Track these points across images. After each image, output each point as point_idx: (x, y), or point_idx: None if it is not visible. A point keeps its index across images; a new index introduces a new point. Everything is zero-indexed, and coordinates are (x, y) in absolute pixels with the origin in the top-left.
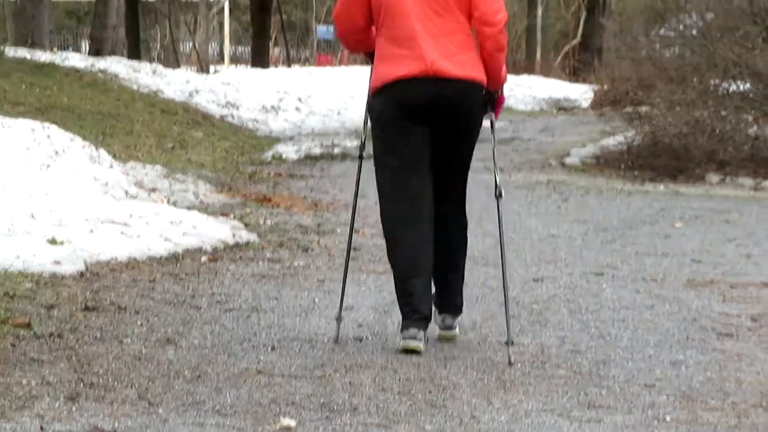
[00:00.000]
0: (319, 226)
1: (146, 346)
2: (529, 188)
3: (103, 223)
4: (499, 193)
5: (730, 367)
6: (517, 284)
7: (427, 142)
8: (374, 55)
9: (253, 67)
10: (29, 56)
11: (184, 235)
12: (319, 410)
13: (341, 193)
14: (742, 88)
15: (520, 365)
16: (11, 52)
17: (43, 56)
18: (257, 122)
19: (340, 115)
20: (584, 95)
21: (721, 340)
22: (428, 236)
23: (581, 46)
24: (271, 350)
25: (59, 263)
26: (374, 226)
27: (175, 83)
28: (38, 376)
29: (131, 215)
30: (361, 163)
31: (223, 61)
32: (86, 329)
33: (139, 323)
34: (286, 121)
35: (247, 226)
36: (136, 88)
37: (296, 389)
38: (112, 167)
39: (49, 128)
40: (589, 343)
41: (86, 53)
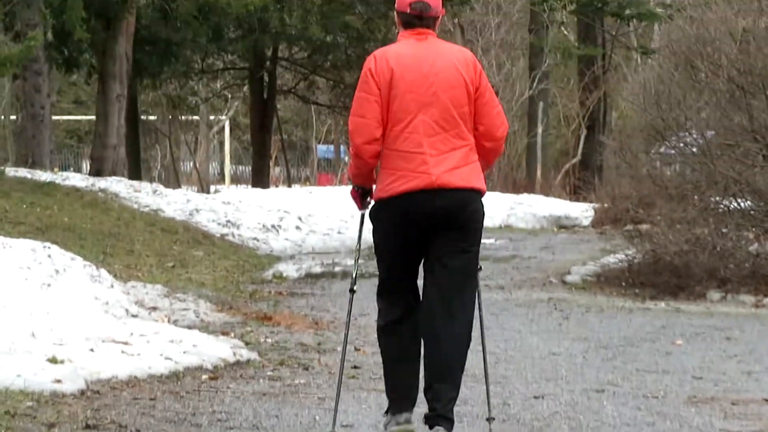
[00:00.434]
0: (319, 344)
1: None
2: (529, 306)
3: (103, 341)
4: (479, 267)
5: None
6: (518, 401)
7: (423, 252)
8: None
9: (253, 186)
10: (30, 176)
11: (184, 353)
12: None
13: (342, 311)
14: (742, 205)
15: None
16: (12, 171)
17: (43, 176)
18: (258, 241)
19: (340, 234)
20: (585, 213)
21: None
22: (415, 340)
23: (581, 164)
24: None
25: (60, 382)
26: (374, 344)
27: (175, 202)
28: None
29: (132, 334)
30: (352, 297)
31: (223, 180)
32: None
33: None
34: (286, 240)
35: (247, 344)
36: (136, 207)
37: None
38: (112, 286)
39: (49, 248)
40: None
41: (87, 173)
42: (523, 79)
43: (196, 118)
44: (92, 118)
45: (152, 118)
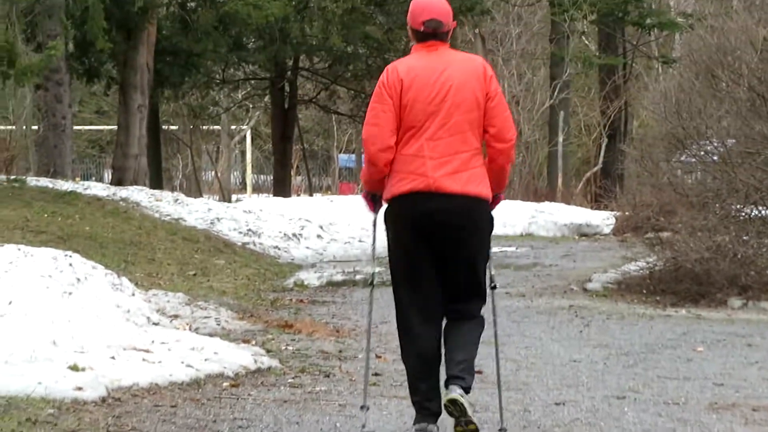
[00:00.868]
0: (340, 351)
1: None
2: (551, 313)
3: (125, 349)
4: (493, 285)
5: None
6: (538, 408)
7: (430, 250)
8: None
9: (275, 195)
10: (51, 185)
11: (205, 361)
12: None
13: (363, 319)
14: (763, 213)
15: None
16: (33, 181)
17: (65, 185)
18: (279, 249)
19: (361, 242)
20: (606, 221)
21: None
22: (437, 337)
23: (602, 172)
24: None
25: (81, 389)
26: (395, 351)
27: (196, 211)
28: None
29: (153, 342)
30: (372, 290)
31: (245, 189)
32: None
33: None
34: (307, 248)
35: (268, 352)
36: (158, 216)
37: None
38: (134, 295)
39: (71, 256)
40: None
41: (108, 182)
42: (543, 88)
43: (217, 127)
44: (114, 127)
45: (173, 127)
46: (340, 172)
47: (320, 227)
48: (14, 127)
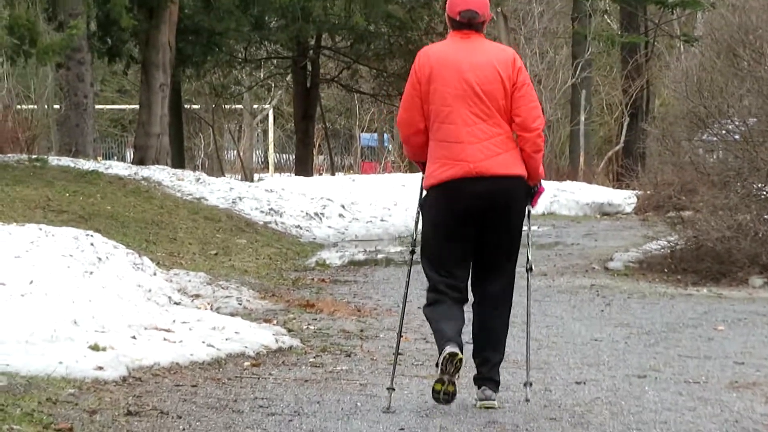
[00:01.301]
0: (362, 331)
1: None
2: (572, 292)
3: (146, 329)
4: (530, 267)
5: None
6: (559, 387)
7: (470, 235)
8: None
9: (297, 174)
10: (73, 164)
11: (227, 340)
12: None
13: (384, 298)
14: None
15: None
16: (55, 160)
17: (86, 164)
18: (301, 229)
19: (383, 221)
20: (628, 200)
21: None
22: (461, 313)
23: (624, 151)
24: None
25: (102, 369)
26: (417, 330)
27: (218, 191)
28: None
29: (174, 321)
30: (411, 258)
31: (267, 169)
32: None
33: (181, 428)
34: (329, 227)
35: (290, 331)
36: (179, 195)
37: None
38: (155, 274)
39: (92, 236)
40: None
41: (130, 161)
42: (565, 67)
43: (239, 106)
44: (136, 107)
45: (195, 106)
46: (362, 151)
47: (342, 206)
48: (36, 106)
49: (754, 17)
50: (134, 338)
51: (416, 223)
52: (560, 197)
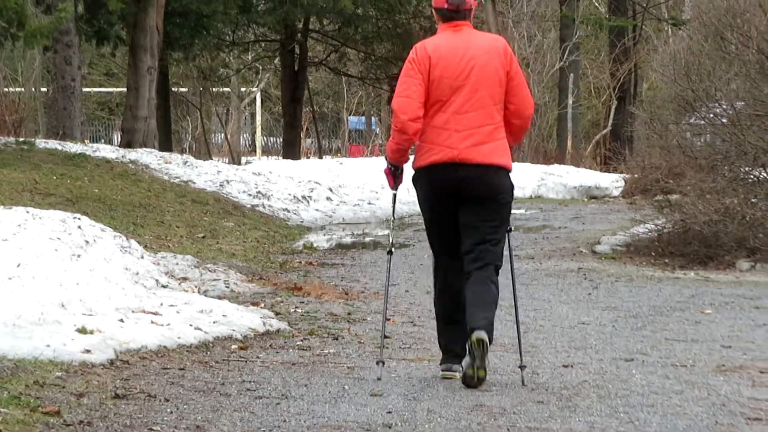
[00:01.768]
0: (349, 314)
1: None
2: (559, 276)
3: (133, 312)
4: (509, 228)
5: None
6: (547, 370)
7: (455, 211)
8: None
9: (284, 157)
10: (60, 147)
11: (214, 323)
12: None
13: (372, 281)
14: None
15: None
16: (42, 143)
17: (74, 147)
18: (288, 212)
19: (371, 204)
20: (615, 184)
21: (750, 424)
22: (460, 292)
23: (612, 134)
24: None
25: (89, 352)
26: (404, 314)
27: (206, 174)
28: None
29: (162, 304)
30: (390, 258)
31: (254, 152)
32: (116, 417)
33: (168, 411)
34: (317, 210)
35: (277, 314)
36: (167, 178)
37: None
38: (142, 257)
39: (80, 219)
40: (618, 428)
41: (117, 144)
42: (553, 50)
43: (227, 90)
44: (123, 90)
45: (183, 90)
46: (349, 134)
47: (330, 190)
48: (23, 89)
49: (741, 1)
50: (122, 321)
51: (391, 229)
52: (548, 181)
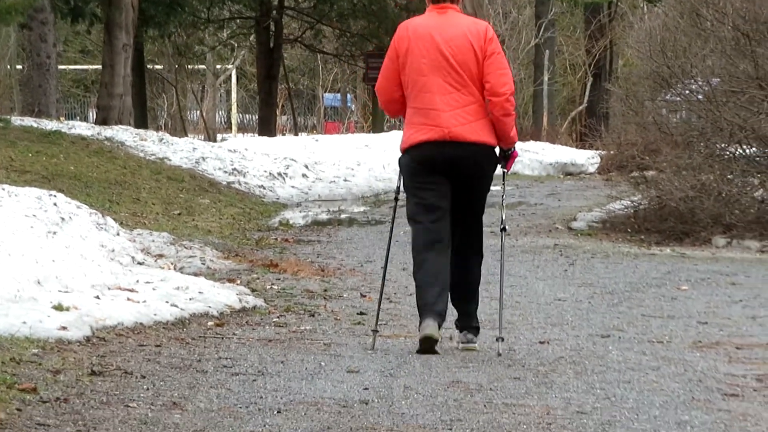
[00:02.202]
0: (325, 291)
1: (152, 410)
2: (535, 252)
3: (109, 289)
4: (503, 227)
5: (735, 427)
6: (523, 347)
7: (445, 190)
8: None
9: (260, 134)
10: (36, 125)
11: (190, 300)
12: None
13: (348, 258)
14: (747, 151)
15: (526, 427)
16: (18, 120)
17: (49, 125)
18: (264, 189)
19: (346, 181)
20: (591, 160)
21: (726, 400)
22: (446, 261)
23: (588, 111)
24: (277, 413)
25: (65, 329)
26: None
27: (181, 151)
28: None
29: (138, 281)
30: (396, 205)
31: (230, 129)
32: (92, 394)
33: (145, 387)
34: (293, 187)
35: (253, 291)
36: (142, 155)
37: None
38: (118, 234)
39: (55, 196)
40: (594, 404)
41: (93, 122)
42: (529, 27)
43: (202, 67)
44: (98, 67)
45: (159, 67)
46: (325, 111)
47: (305, 166)
48: None
49: None
50: (98, 298)
51: (400, 176)
52: (523, 157)
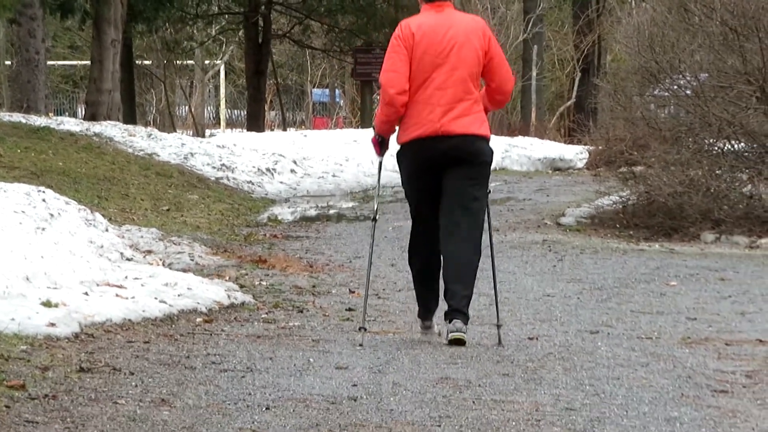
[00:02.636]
0: (314, 287)
1: (141, 406)
2: (524, 248)
3: (98, 285)
4: (488, 191)
5: (725, 423)
6: (512, 343)
7: (436, 182)
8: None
9: (248, 130)
10: (25, 120)
11: (179, 296)
12: None
13: (336, 254)
14: (736, 147)
15: (515, 423)
16: (7, 116)
17: (38, 120)
18: (253, 184)
19: (335, 177)
20: (579, 156)
21: (715, 396)
22: (437, 253)
23: (576, 106)
24: (265, 410)
25: (54, 325)
26: (369, 286)
27: (170, 146)
28: None
29: (126, 277)
30: (374, 225)
31: (218, 124)
32: (81, 390)
33: (133, 384)
34: (281, 183)
35: (242, 287)
36: (131, 151)
37: None
38: (107, 230)
39: (44, 192)
40: (583, 400)
41: (82, 117)
42: (517, 22)
43: (191, 62)
44: (87, 63)
45: (147, 62)
46: (313, 106)
47: (294, 162)
48: None
49: None
50: (86, 294)
51: (377, 196)
52: (512, 153)
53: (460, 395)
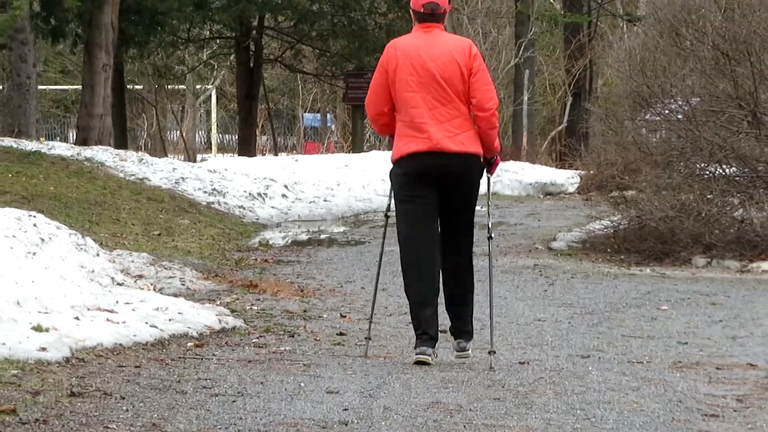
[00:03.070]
0: (305, 311)
1: (132, 431)
2: (515, 272)
3: (89, 310)
4: (489, 235)
5: None
6: (503, 367)
7: (433, 200)
8: (394, 135)
9: (240, 155)
10: (16, 145)
11: (170, 321)
12: None
13: (328, 278)
14: (727, 171)
15: None
16: None
17: (29, 145)
18: (244, 209)
19: (326, 201)
20: (571, 180)
21: (706, 421)
22: (435, 273)
23: (567, 131)
24: None
25: (45, 350)
26: (360, 311)
27: (161, 171)
28: None
29: (117, 302)
30: (387, 221)
31: (210, 149)
32: (72, 415)
33: (124, 409)
34: (272, 208)
35: (233, 312)
36: (122, 176)
37: None
38: (98, 255)
39: (35, 217)
40: (574, 425)
41: (73, 142)
42: (509, 47)
43: (182, 87)
44: (79, 87)
45: (138, 87)
46: (305, 131)
47: (285, 187)
48: None
49: None
50: (77, 319)
51: (391, 190)
52: (503, 177)
53: (451, 419)
